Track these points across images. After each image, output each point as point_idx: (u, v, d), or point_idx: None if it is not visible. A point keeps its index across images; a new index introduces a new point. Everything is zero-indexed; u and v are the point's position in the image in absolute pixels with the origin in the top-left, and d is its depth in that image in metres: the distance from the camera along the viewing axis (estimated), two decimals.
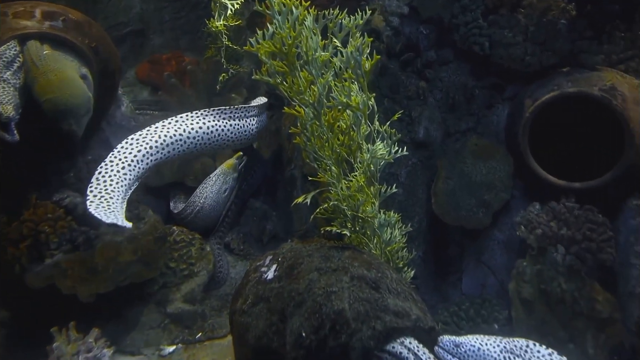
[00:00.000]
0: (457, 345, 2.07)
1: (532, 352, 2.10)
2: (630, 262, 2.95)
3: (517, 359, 2.04)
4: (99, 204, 2.42)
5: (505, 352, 2.06)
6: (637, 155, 2.75)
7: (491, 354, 2.04)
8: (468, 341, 2.10)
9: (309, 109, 2.20)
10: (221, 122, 3.23)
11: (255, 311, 2.04)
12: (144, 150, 2.73)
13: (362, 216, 2.35)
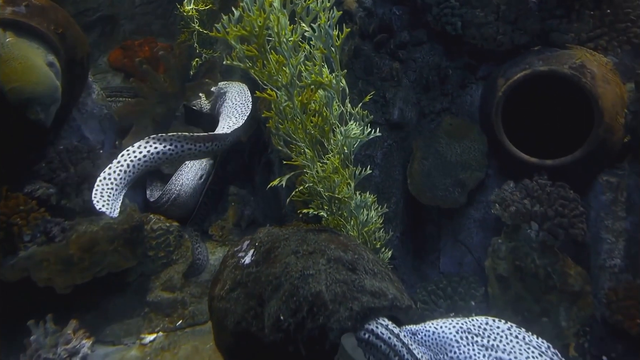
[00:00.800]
0: (414, 334, 2.07)
1: (492, 328, 2.10)
2: (600, 236, 3.03)
3: (475, 337, 2.02)
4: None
5: (462, 332, 2.05)
6: (606, 131, 2.81)
7: (447, 335, 2.03)
8: (423, 327, 2.09)
9: (281, 92, 2.18)
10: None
11: (233, 296, 2.04)
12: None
13: (338, 197, 2.35)
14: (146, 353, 2.84)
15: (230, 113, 3.84)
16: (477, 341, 2.00)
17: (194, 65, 4.47)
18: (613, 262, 3.01)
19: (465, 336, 2.02)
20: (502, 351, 1.98)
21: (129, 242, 3.04)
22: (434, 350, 2.00)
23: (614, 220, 3.02)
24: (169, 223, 3.49)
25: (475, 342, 2.00)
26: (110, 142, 3.85)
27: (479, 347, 1.98)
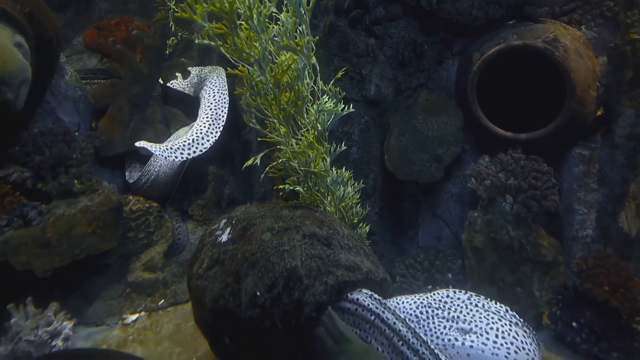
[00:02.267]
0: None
1: (452, 300, 2.16)
2: (573, 208, 3.11)
3: (436, 310, 2.08)
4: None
5: (422, 307, 2.10)
6: (578, 104, 2.85)
7: (407, 310, 2.09)
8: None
9: (253, 68, 2.17)
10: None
11: (210, 274, 2.06)
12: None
13: (314, 171, 2.37)
14: (129, 333, 2.86)
15: (206, 113, 3.77)
16: (437, 314, 2.07)
17: (170, 45, 4.40)
18: (585, 233, 3.09)
19: (426, 310, 2.07)
20: (462, 321, 2.05)
21: (107, 224, 3.03)
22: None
23: (586, 192, 3.09)
24: (148, 204, 3.49)
25: (435, 315, 2.06)
26: (86, 124, 3.80)
27: (440, 319, 2.05)
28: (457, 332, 2.02)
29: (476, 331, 2.02)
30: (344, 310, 1.98)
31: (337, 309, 1.97)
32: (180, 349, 2.67)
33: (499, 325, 2.04)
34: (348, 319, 1.98)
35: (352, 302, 1.96)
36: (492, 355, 1.95)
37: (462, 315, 2.06)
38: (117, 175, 3.91)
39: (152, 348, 2.70)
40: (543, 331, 2.82)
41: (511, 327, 2.06)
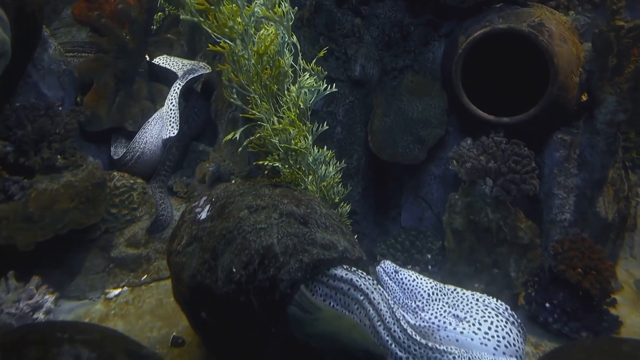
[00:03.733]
0: (396, 272, 2.34)
1: (459, 293, 2.32)
2: (553, 192, 3.16)
3: (444, 297, 2.26)
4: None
5: (435, 289, 2.29)
6: (560, 90, 2.87)
7: (423, 287, 2.28)
8: (407, 272, 2.36)
9: (235, 43, 2.17)
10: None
11: (189, 251, 2.09)
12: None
13: (295, 148, 2.38)
14: (111, 307, 2.89)
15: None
16: (442, 299, 2.24)
17: (157, 20, 4.35)
18: (563, 217, 3.14)
19: (436, 293, 2.27)
20: (460, 310, 2.19)
21: (90, 199, 3.04)
22: (405, 294, 2.27)
23: (566, 176, 3.13)
24: (133, 180, 3.50)
25: (441, 299, 2.24)
26: (70, 99, 3.77)
27: (443, 303, 2.22)
28: (452, 317, 2.16)
29: (469, 320, 2.13)
30: (325, 285, 2.02)
31: (317, 283, 2.02)
32: (161, 323, 2.71)
33: (494, 319, 2.13)
34: (326, 295, 2.02)
35: (331, 277, 2.01)
36: (481, 345, 2.05)
37: (462, 305, 2.21)
38: (103, 151, 3.90)
39: (134, 322, 2.73)
40: (518, 311, 2.87)
41: (506, 324, 2.14)
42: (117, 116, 3.84)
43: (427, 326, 2.12)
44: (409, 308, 2.21)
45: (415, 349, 1.91)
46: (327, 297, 2.04)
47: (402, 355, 1.92)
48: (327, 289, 2.04)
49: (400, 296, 2.27)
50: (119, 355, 1.44)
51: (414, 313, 2.19)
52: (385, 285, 2.30)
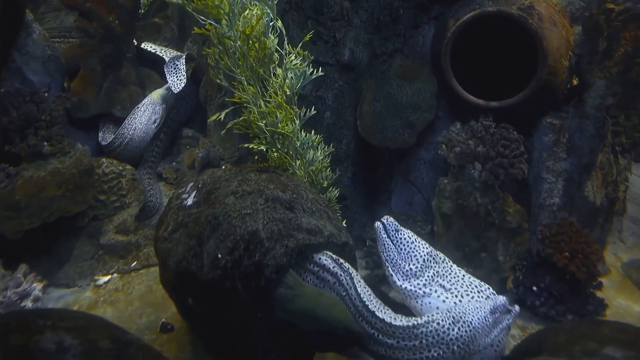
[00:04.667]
0: (397, 230, 2.32)
1: (448, 265, 2.37)
2: (542, 176, 3.16)
3: (435, 264, 2.29)
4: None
5: (429, 256, 2.31)
6: (549, 74, 2.85)
7: (420, 250, 2.29)
8: (407, 232, 2.34)
9: (221, 24, 2.14)
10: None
11: (175, 237, 2.08)
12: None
13: (281, 132, 2.37)
14: (100, 294, 2.89)
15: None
16: (434, 267, 2.29)
17: (144, 4, 4.29)
18: (552, 201, 3.15)
19: (430, 260, 2.29)
20: (447, 281, 2.26)
21: (78, 186, 3.01)
22: (401, 255, 2.27)
23: (555, 161, 3.14)
24: (121, 166, 3.47)
25: (433, 267, 2.28)
26: (57, 85, 3.73)
27: (434, 272, 2.26)
28: (439, 286, 2.23)
29: (453, 292, 2.22)
30: (309, 272, 2.03)
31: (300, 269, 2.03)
32: (150, 310, 2.72)
33: (475, 295, 2.22)
34: (310, 280, 2.02)
35: (314, 264, 2.02)
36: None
37: (449, 277, 2.28)
38: (92, 138, 3.87)
39: (123, 309, 2.73)
40: (506, 295, 2.90)
41: (477, 302, 2.17)
42: (105, 102, 3.80)
43: (414, 291, 2.19)
44: (401, 269, 2.24)
45: (400, 332, 1.93)
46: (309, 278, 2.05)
47: (391, 341, 1.94)
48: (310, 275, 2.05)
49: (395, 256, 2.27)
50: (103, 341, 1.44)
51: (405, 276, 2.23)
52: (382, 242, 2.29)
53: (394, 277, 2.24)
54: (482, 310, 2.03)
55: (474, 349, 1.96)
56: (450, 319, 1.97)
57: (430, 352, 1.93)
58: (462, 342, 1.94)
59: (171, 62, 3.90)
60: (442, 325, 1.95)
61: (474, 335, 1.96)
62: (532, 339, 1.75)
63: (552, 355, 1.52)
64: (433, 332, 1.93)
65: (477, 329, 1.97)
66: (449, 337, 1.93)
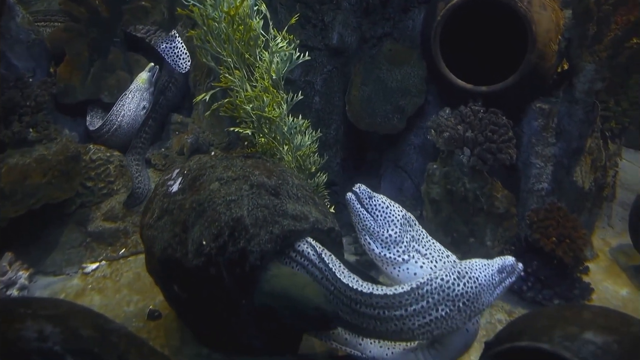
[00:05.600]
0: (371, 197, 2.23)
1: (420, 228, 2.31)
2: (530, 161, 3.16)
3: (409, 228, 2.22)
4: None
5: (404, 219, 2.22)
6: (539, 58, 2.83)
7: (396, 214, 2.20)
8: (380, 198, 2.25)
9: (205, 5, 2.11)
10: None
11: (160, 224, 2.07)
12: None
13: (267, 116, 2.35)
14: (88, 282, 2.88)
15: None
16: (410, 231, 2.22)
17: None
18: (541, 186, 3.16)
19: (406, 224, 2.21)
20: (422, 246, 2.22)
21: (64, 173, 2.98)
22: (378, 222, 2.18)
23: (544, 145, 3.13)
24: (109, 153, 3.44)
25: (409, 231, 2.21)
26: (43, 70, 3.67)
27: (410, 237, 2.20)
28: (416, 252, 2.18)
29: (428, 257, 2.18)
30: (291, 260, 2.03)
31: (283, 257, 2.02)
32: (138, 297, 2.71)
33: (445, 260, 2.19)
34: (293, 267, 2.02)
35: (296, 252, 2.01)
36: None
37: (423, 242, 2.23)
38: (80, 124, 3.82)
39: (111, 296, 2.73)
40: None
41: (454, 265, 2.14)
42: (92, 87, 3.75)
43: (394, 258, 2.13)
44: (380, 237, 2.16)
45: (406, 298, 1.87)
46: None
47: (399, 312, 1.88)
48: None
49: (372, 224, 2.17)
50: (85, 329, 1.43)
51: (385, 243, 2.15)
52: (357, 212, 2.19)
53: (372, 246, 2.16)
54: (490, 267, 1.97)
55: (479, 307, 1.90)
56: (454, 274, 1.90)
57: (438, 311, 1.86)
58: (467, 298, 1.87)
59: (167, 47, 3.88)
60: (446, 281, 1.88)
61: (480, 293, 1.89)
62: (514, 323, 1.76)
63: (533, 340, 1.52)
64: (438, 289, 1.86)
65: (483, 286, 1.90)
66: (455, 293, 1.86)
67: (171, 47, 3.91)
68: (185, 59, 3.86)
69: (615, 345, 1.48)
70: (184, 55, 3.88)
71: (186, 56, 3.87)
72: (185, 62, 3.86)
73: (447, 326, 1.88)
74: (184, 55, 3.87)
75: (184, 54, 3.87)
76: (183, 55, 3.87)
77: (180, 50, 3.89)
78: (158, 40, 3.95)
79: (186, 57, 3.87)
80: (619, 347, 1.47)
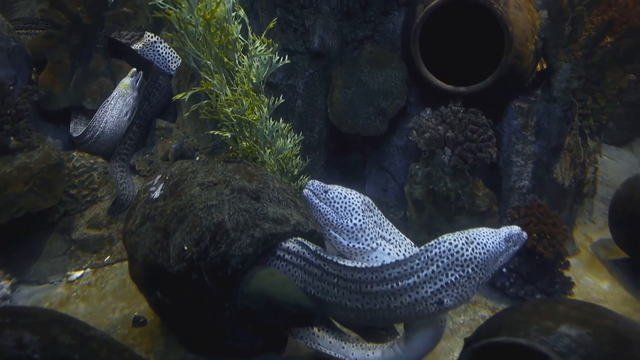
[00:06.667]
0: (326, 191, 2.10)
1: (379, 211, 2.21)
2: (511, 159, 3.20)
3: (370, 213, 2.12)
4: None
5: (364, 205, 2.12)
6: (516, 58, 2.88)
7: (355, 203, 2.08)
8: (336, 189, 2.14)
9: (181, 9, 2.12)
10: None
11: (142, 231, 2.07)
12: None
13: (247, 119, 2.36)
14: (72, 290, 2.87)
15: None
16: (372, 216, 2.12)
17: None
18: (522, 184, 3.20)
19: (366, 210, 2.10)
20: (385, 231, 2.13)
21: (46, 182, 2.97)
22: (339, 213, 2.05)
23: (524, 144, 3.18)
24: (93, 160, 3.44)
25: (371, 217, 2.11)
26: (24, 78, 3.66)
27: (373, 222, 2.10)
28: (381, 239, 2.10)
29: (393, 242, 2.11)
30: (278, 258, 2.04)
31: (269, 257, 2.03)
32: (124, 304, 2.71)
33: (405, 243, 2.15)
34: (280, 267, 2.03)
35: (284, 250, 2.02)
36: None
37: (386, 226, 2.14)
38: (63, 131, 3.82)
39: (96, 304, 2.72)
40: None
41: (413, 246, 2.16)
42: (74, 94, 3.74)
43: (362, 247, 2.03)
44: (344, 228, 2.04)
45: (416, 263, 1.86)
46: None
47: (412, 279, 1.86)
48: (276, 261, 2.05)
49: (334, 217, 2.04)
50: (64, 336, 1.43)
51: (351, 233, 2.04)
52: (316, 208, 2.06)
53: (339, 239, 2.04)
54: (498, 235, 1.96)
55: (486, 276, 1.89)
56: (462, 239, 1.90)
57: (448, 276, 1.84)
58: (476, 264, 1.85)
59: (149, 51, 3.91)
60: (455, 245, 1.87)
61: (488, 260, 1.88)
62: (493, 319, 1.79)
63: (511, 335, 1.55)
64: (447, 252, 1.85)
65: (490, 253, 1.89)
66: (464, 258, 1.84)
67: (155, 51, 3.93)
68: (174, 62, 3.89)
69: (589, 337, 1.51)
70: (173, 58, 3.90)
71: (174, 58, 3.90)
72: (174, 64, 3.90)
73: (458, 295, 1.86)
74: (173, 58, 3.90)
75: (172, 57, 3.90)
76: (172, 58, 3.90)
77: (168, 54, 3.92)
78: (144, 48, 3.97)
79: (174, 60, 3.90)
80: (593, 339, 1.51)
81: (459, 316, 2.70)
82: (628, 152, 4.87)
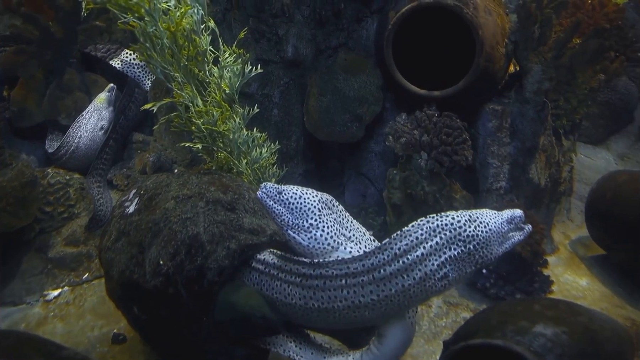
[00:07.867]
0: (279, 192, 2.03)
1: (340, 207, 2.15)
2: (487, 161, 3.24)
3: (329, 210, 2.06)
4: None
5: (322, 204, 2.06)
6: (487, 61, 2.92)
7: (311, 202, 2.03)
8: (290, 189, 2.07)
9: (144, 21, 2.11)
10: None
11: (118, 246, 2.05)
12: None
13: (219, 130, 2.35)
14: (50, 309, 2.81)
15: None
16: (330, 214, 2.06)
17: (85, 6, 4.16)
18: (499, 185, 3.24)
19: (324, 207, 2.05)
20: (345, 229, 2.07)
21: (20, 200, 2.92)
22: (295, 214, 2.00)
23: (500, 145, 3.22)
24: (68, 176, 3.39)
25: (329, 214, 2.05)
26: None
27: (332, 220, 2.04)
28: (342, 237, 2.04)
29: (353, 239, 2.06)
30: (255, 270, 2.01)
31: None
32: (103, 321, 2.66)
33: (366, 239, 2.10)
34: (255, 279, 2.01)
35: (257, 261, 2.00)
36: None
37: (346, 224, 2.08)
38: (39, 147, 3.77)
39: (74, 323, 2.67)
40: None
41: (373, 242, 2.13)
42: (49, 109, 3.70)
43: (322, 247, 1.97)
44: (302, 228, 1.98)
45: (420, 233, 1.85)
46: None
47: (419, 251, 1.83)
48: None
49: (289, 218, 1.98)
50: (36, 358, 1.40)
51: (308, 233, 1.98)
52: (271, 210, 1.99)
53: (298, 239, 1.97)
54: (500, 216, 1.96)
55: (488, 256, 1.88)
56: (465, 216, 1.89)
57: (451, 250, 1.83)
58: (477, 242, 1.84)
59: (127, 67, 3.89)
60: (457, 220, 1.86)
61: (490, 239, 1.87)
62: (470, 321, 1.80)
63: (488, 336, 1.57)
64: (449, 226, 1.85)
65: (493, 232, 1.88)
66: (466, 234, 1.84)
67: (132, 67, 3.90)
68: (148, 77, 3.87)
69: (564, 336, 1.53)
70: (149, 73, 3.89)
71: (147, 75, 3.88)
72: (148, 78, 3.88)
73: (461, 271, 1.85)
74: (149, 74, 3.88)
75: (149, 73, 3.89)
76: (148, 74, 3.88)
77: (142, 71, 3.90)
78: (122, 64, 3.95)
79: (148, 75, 3.88)
80: (568, 338, 1.53)
81: (441, 319, 2.71)
82: (604, 150, 4.98)
